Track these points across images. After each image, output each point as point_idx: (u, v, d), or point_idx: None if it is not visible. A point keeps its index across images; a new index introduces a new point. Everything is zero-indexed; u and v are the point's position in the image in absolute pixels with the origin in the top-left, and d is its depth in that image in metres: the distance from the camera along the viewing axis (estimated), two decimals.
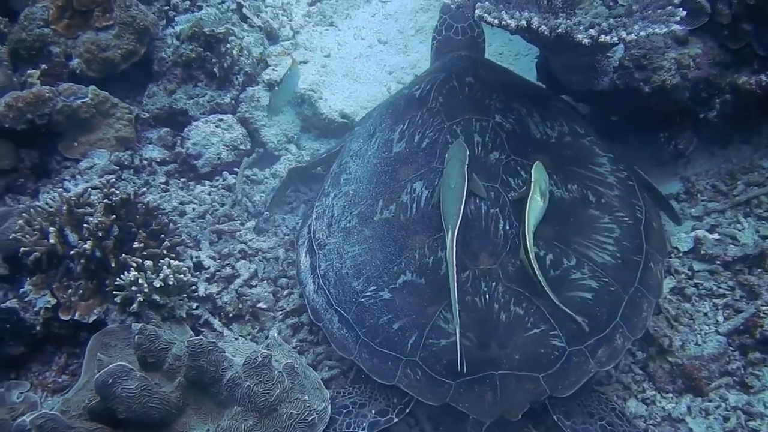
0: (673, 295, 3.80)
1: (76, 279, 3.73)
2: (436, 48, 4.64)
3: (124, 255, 3.71)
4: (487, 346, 3.14)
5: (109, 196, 3.80)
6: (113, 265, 3.68)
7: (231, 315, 3.94)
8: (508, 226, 3.37)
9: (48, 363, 3.77)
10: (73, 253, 3.67)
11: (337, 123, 5.13)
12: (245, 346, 3.55)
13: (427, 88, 3.99)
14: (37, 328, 3.71)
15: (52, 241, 3.69)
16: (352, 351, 3.39)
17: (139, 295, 3.60)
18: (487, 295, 3.22)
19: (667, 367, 3.57)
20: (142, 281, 3.61)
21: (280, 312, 3.98)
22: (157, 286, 3.64)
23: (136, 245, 3.76)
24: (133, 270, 3.63)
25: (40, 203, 4.07)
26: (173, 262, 3.76)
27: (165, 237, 3.93)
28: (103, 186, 3.93)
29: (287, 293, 4.07)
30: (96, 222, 3.69)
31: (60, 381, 3.70)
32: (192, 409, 3.02)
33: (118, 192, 3.86)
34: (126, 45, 5.00)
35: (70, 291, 3.70)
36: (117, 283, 3.63)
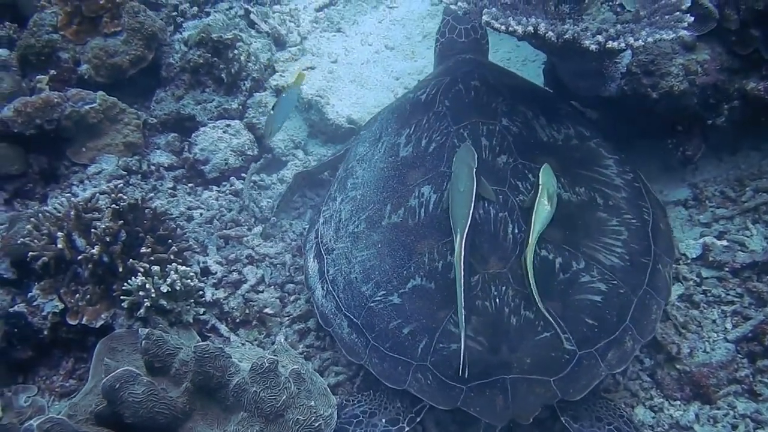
0: (682, 302, 3.78)
1: (84, 284, 3.74)
2: (439, 50, 4.63)
3: (131, 260, 3.71)
4: (498, 350, 3.13)
5: (116, 201, 3.80)
6: (121, 270, 3.69)
7: (238, 320, 3.94)
8: (517, 230, 3.37)
9: (55, 367, 3.77)
10: (80, 258, 3.68)
11: (344, 128, 5.14)
12: (252, 351, 3.54)
13: (433, 92, 3.99)
14: (45, 333, 3.71)
15: (60, 245, 3.70)
16: (362, 356, 3.38)
17: (146, 300, 3.61)
18: (497, 299, 3.22)
19: (675, 375, 3.55)
20: (149, 286, 3.61)
21: (287, 317, 3.98)
22: (165, 291, 3.64)
23: (143, 250, 3.76)
24: (140, 275, 3.64)
25: (49, 208, 4.08)
26: (180, 267, 3.77)
27: (172, 242, 3.93)
28: (110, 191, 3.95)
29: (294, 299, 4.07)
30: (104, 227, 3.69)
31: (67, 385, 3.70)
32: (198, 414, 3.01)
33: (126, 197, 3.86)
34: (134, 51, 5.02)
35: (78, 296, 3.71)
36: (124, 288, 3.63)
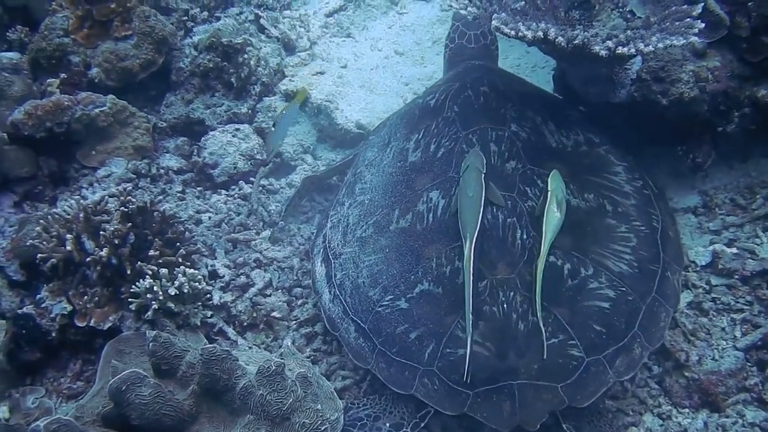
0: (690, 310, 3.76)
1: (92, 286, 3.75)
2: (448, 56, 4.63)
3: (139, 263, 3.72)
4: (506, 355, 3.12)
5: (125, 204, 3.81)
6: (129, 272, 3.70)
7: (245, 324, 3.94)
8: (525, 236, 3.36)
9: (63, 369, 3.79)
10: (89, 260, 3.69)
11: (353, 134, 5.13)
12: (259, 354, 3.54)
13: (442, 98, 3.99)
14: (53, 335, 3.73)
15: (69, 248, 3.71)
16: (368, 360, 3.38)
17: (154, 303, 3.62)
18: (505, 305, 3.21)
19: (683, 382, 3.53)
20: (157, 289, 3.62)
21: (295, 321, 3.97)
22: (172, 294, 3.65)
23: (151, 253, 3.77)
24: (148, 278, 3.65)
25: (58, 210, 4.10)
26: (188, 270, 3.78)
27: (180, 245, 3.94)
28: (119, 194, 3.96)
29: (301, 303, 4.06)
30: (112, 229, 3.70)
31: (75, 387, 3.71)
32: (205, 416, 3.01)
33: (135, 200, 3.87)
34: (144, 55, 5.05)
35: (86, 298, 3.72)
36: (132, 291, 3.64)
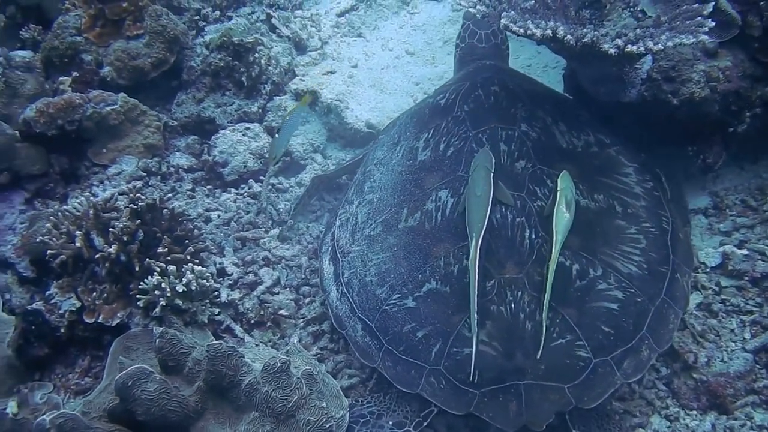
0: (700, 311, 3.74)
1: (101, 282, 3.76)
2: (459, 56, 4.62)
3: (148, 259, 3.74)
4: (513, 355, 3.11)
5: (135, 201, 3.83)
6: (137, 269, 3.71)
7: (253, 321, 3.94)
8: (534, 236, 3.35)
9: (71, 365, 3.80)
10: (98, 257, 3.71)
11: (363, 133, 5.12)
12: (265, 352, 3.54)
13: (452, 97, 3.98)
14: (62, 331, 3.74)
15: (78, 244, 3.73)
16: (375, 359, 3.38)
17: (161, 300, 3.63)
18: (513, 305, 3.20)
19: (691, 384, 3.51)
20: (165, 286, 3.63)
21: (302, 319, 3.98)
22: (180, 291, 3.66)
23: (160, 250, 3.78)
24: (156, 274, 3.67)
25: (68, 207, 4.12)
26: (197, 267, 3.79)
27: (189, 243, 3.95)
28: (129, 191, 3.98)
29: (309, 301, 4.06)
30: (121, 226, 3.72)
31: (83, 383, 3.72)
32: (210, 413, 3.01)
33: (144, 197, 3.89)
34: (156, 54, 5.07)
35: (95, 294, 3.73)
36: (141, 287, 3.66)
